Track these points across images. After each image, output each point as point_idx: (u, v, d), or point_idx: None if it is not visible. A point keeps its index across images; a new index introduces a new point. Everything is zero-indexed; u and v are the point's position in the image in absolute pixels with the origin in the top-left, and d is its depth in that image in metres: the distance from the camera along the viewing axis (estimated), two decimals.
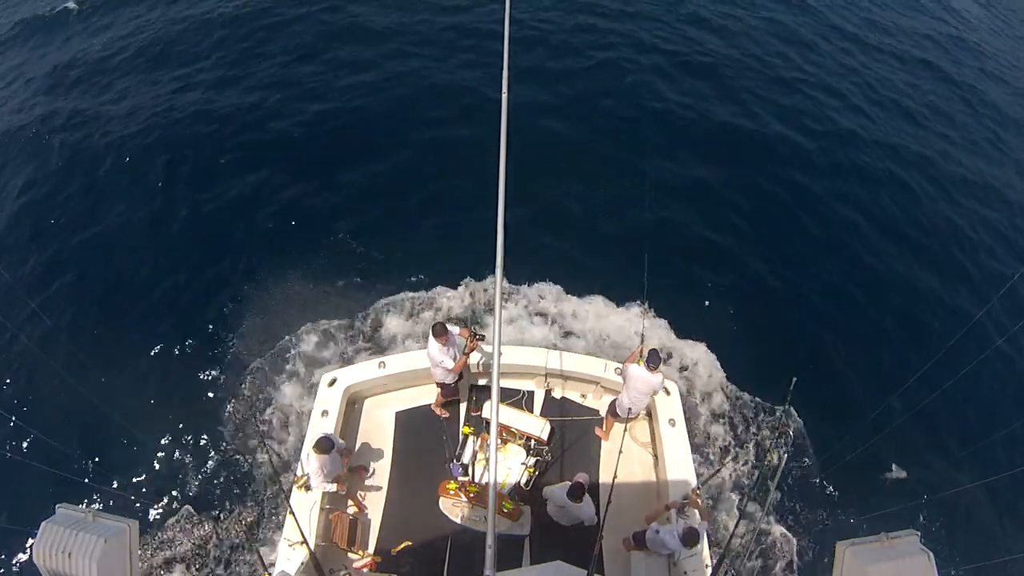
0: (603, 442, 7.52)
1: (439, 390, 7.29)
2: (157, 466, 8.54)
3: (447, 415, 7.49)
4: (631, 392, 6.62)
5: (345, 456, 6.64)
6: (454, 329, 6.66)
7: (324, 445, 5.92)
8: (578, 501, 6.10)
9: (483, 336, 6.94)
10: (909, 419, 7.72)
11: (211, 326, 9.88)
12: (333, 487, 6.27)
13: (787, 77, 15.98)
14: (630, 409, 6.72)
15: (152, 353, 9.59)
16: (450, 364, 6.59)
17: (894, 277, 11.61)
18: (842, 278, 11.40)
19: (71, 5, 16.80)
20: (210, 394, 9.16)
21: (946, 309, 11.11)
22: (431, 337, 6.47)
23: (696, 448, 8.15)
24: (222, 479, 8.40)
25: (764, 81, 15.66)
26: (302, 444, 6.97)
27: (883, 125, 15.29)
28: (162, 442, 8.69)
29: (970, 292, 11.54)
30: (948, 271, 11.97)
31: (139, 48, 15.33)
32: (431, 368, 6.79)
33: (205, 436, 8.78)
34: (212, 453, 8.62)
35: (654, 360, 6.39)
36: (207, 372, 9.38)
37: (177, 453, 8.63)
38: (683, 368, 9.62)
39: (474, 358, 7.11)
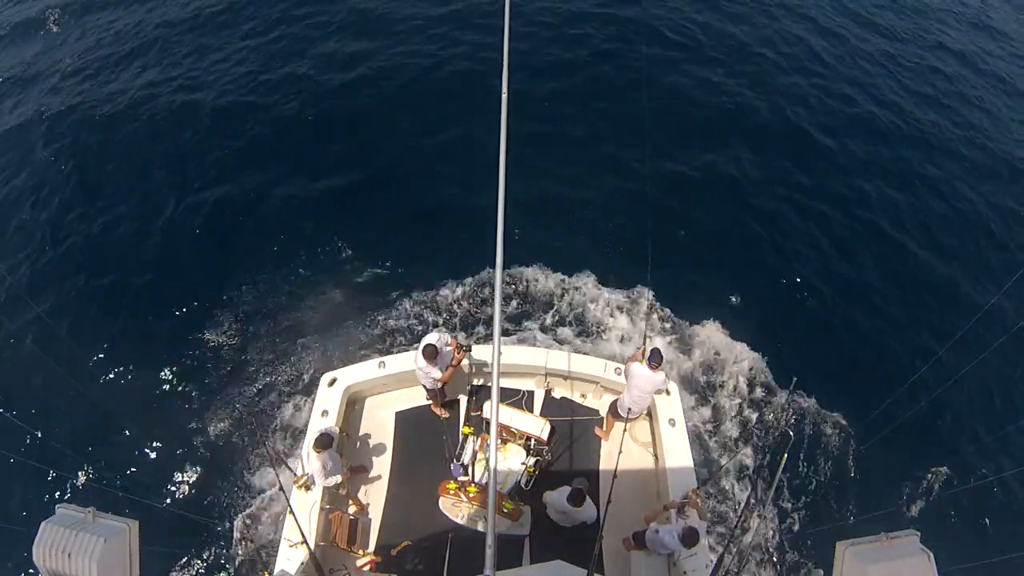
0: (603, 442, 7.52)
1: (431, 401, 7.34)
2: (157, 466, 8.54)
3: (447, 415, 7.49)
4: (633, 391, 6.62)
5: (344, 457, 6.64)
6: (444, 337, 6.65)
7: (324, 441, 5.90)
8: (578, 506, 6.12)
9: (470, 347, 6.94)
10: (910, 418, 7.72)
11: (211, 327, 9.88)
12: (338, 479, 6.27)
13: (806, 67, 15.80)
14: (630, 409, 6.72)
15: (152, 353, 9.60)
16: (438, 374, 6.59)
17: (900, 274, 11.57)
18: (849, 277, 11.37)
19: (54, 29, 16.75)
20: (211, 394, 9.17)
21: (951, 307, 11.08)
22: (420, 354, 6.43)
23: (696, 448, 8.15)
24: (222, 479, 8.40)
25: (777, 69, 15.54)
26: (302, 444, 6.97)
27: (897, 111, 15.15)
28: (162, 442, 8.69)
29: (977, 289, 11.49)
30: (955, 267, 11.88)
31: (134, 47, 15.37)
32: (417, 372, 6.79)
33: (205, 436, 8.79)
34: (212, 453, 8.63)
35: (656, 359, 6.41)
36: (207, 372, 9.39)
37: (177, 453, 8.64)
38: (682, 369, 9.63)
39: (476, 357, 7.11)
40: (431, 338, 6.51)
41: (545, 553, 6.15)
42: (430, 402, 7.52)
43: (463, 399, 7.66)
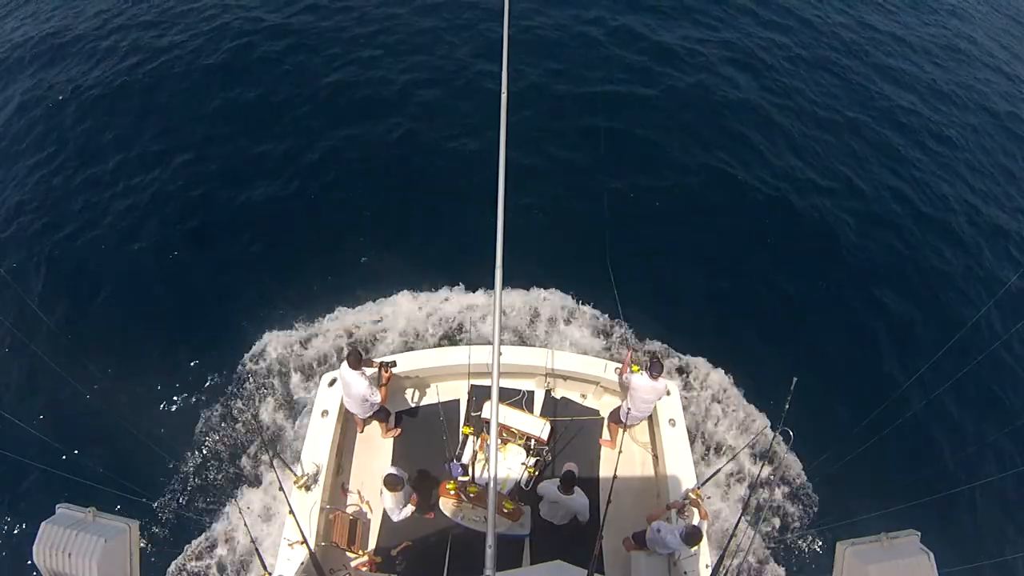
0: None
1: (377, 424, 7.26)
2: (157, 466, 8.52)
3: (399, 432, 7.47)
4: (636, 402, 6.62)
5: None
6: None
7: (394, 481, 5.87)
8: (568, 492, 6.11)
9: (395, 363, 6.88)
10: (910, 418, 7.73)
11: (212, 326, 9.88)
12: (410, 510, 6.34)
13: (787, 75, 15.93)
14: (629, 411, 6.73)
15: (153, 352, 9.59)
16: (378, 398, 6.54)
17: (900, 273, 11.57)
18: (848, 276, 11.36)
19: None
20: (211, 394, 9.16)
21: (951, 307, 11.08)
22: (349, 370, 6.34)
23: (696, 448, 8.15)
24: (222, 478, 8.40)
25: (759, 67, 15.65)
26: (302, 444, 6.97)
27: (886, 110, 15.25)
28: (163, 442, 8.66)
29: (974, 291, 11.50)
30: (956, 266, 11.89)
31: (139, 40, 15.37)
32: (350, 403, 6.68)
33: (206, 436, 8.78)
34: (212, 453, 8.62)
35: (657, 368, 6.41)
36: (207, 372, 9.37)
37: (177, 453, 8.62)
38: (681, 370, 9.62)
39: (476, 357, 7.11)
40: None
41: (545, 553, 6.16)
42: (430, 402, 7.49)
43: (463, 399, 7.66)
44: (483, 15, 16.06)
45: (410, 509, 6.36)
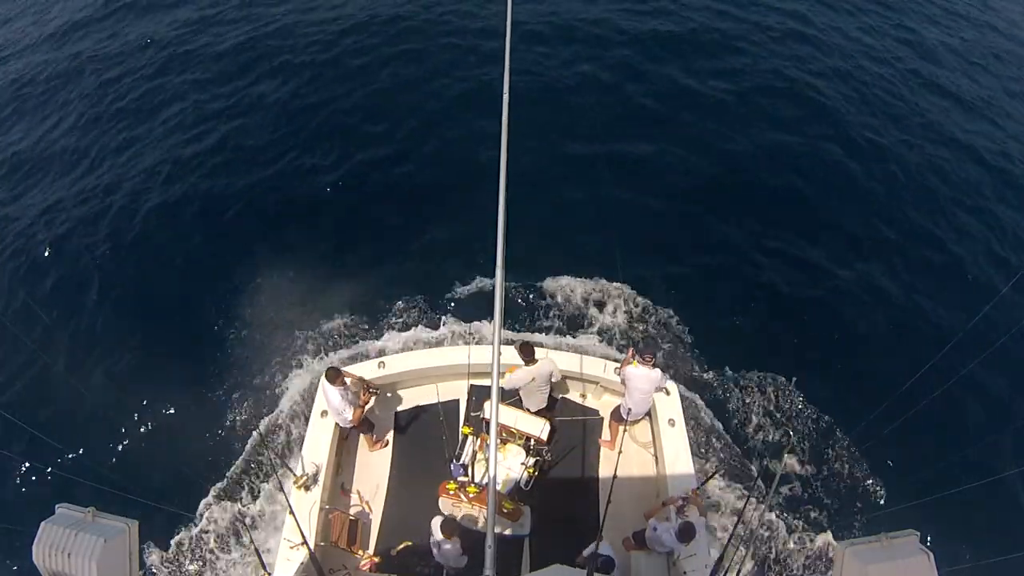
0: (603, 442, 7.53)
1: (362, 436, 7.29)
2: (157, 466, 8.53)
3: (385, 444, 7.47)
4: (634, 394, 6.63)
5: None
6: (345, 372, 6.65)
7: (451, 530, 5.75)
8: (531, 360, 6.62)
9: (377, 390, 6.97)
10: (910, 419, 7.71)
11: (213, 326, 9.89)
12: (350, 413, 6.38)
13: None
14: (631, 410, 6.73)
15: (153, 353, 9.60)
16: (349, 415, 6.57)
17: (901, 272, 11.54)
18: (849, 275, 11.34)
19: None
20: (211, 395, 9.17)
21: (950, 308, 11.06)
22: (327, 384, 6.41)
23: (696, 449, 8.15)
24: (222, 479, 8.40)
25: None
26: (301, 444, 6.98)
27: (908, 99, 15.22)
28: (163, 442, 8.69)
29: (973, 293, 11.47)
30: (957, 265, 11.84)
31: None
32: (333, 415, 6.75)
33: (205, 436, 8.79)
34: (212, 453, 8.63)
35: (648, 352, 6.41)
36: (207, 372, 9.39)
37: (177, 453, 8.63)
38: (679, 371, 9.62)
39: (476, 357, 7.11)
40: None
41: (545, 553, 6.16)
42: (430, 402, 7.48)
43: (463, 399, 7.66)
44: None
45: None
